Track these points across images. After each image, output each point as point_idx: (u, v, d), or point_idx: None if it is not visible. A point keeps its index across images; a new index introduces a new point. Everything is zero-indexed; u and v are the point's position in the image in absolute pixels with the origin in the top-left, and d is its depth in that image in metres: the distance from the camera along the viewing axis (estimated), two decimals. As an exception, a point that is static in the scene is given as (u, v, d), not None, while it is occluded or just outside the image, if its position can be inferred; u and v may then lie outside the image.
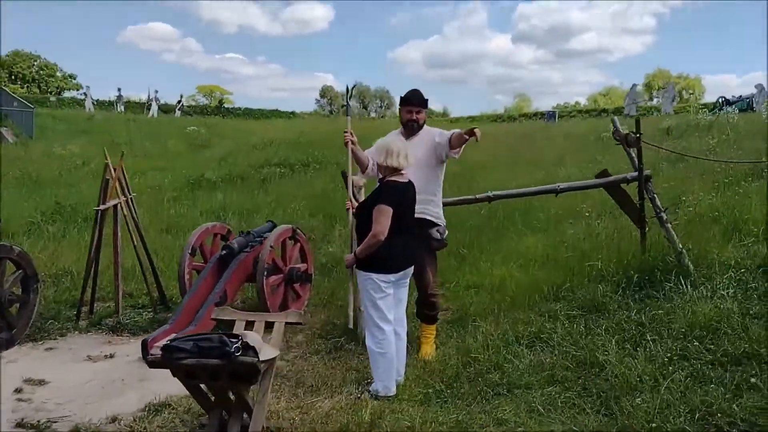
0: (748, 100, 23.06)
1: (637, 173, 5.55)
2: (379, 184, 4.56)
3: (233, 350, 3.34)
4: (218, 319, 4.31)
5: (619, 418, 3.62)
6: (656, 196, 5.53)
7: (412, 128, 5.07)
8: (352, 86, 5.49)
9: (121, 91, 39.77)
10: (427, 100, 5.16)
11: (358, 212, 4.64)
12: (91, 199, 7.14)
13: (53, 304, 6.73)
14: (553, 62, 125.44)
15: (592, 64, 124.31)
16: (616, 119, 5.93)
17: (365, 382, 4.59)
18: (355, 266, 4.50)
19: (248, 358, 3.39)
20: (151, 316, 6.48)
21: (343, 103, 72.29)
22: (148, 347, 4.71)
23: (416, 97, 5.11)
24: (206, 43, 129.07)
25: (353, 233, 4.75)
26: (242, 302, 6.93)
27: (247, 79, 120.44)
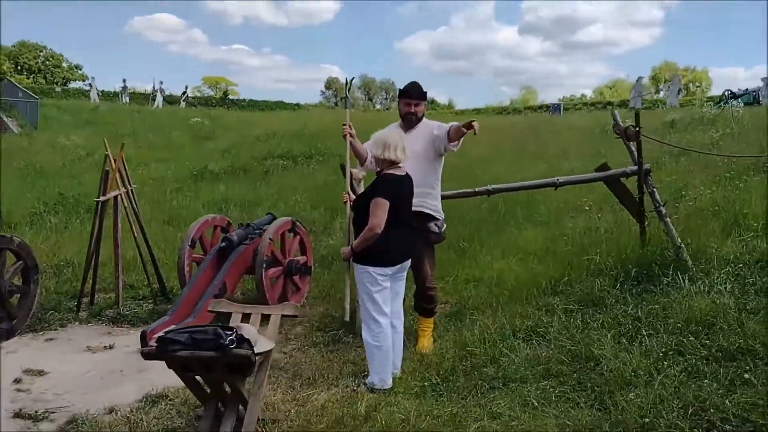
0: (754, 93, 22.87)
1: (636, 167, 5.54)
2: (376, 176, 4.56)
3: (227, 343, 3.36)
4: (215, 311, 4.34)
5: (612, 412, 3.63)
6: (655, 190, 5.51)
7: (410, 121, 5.07)
8: (351, 79, 5.49)
9: (126, 82, 39.85)
10: (426, 92, 5.15)
11: (355, 205, 4.65)
12: (93, 190, 7.17)
13: (54, 294, 6.77)
14: (559, 54, 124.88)
15: (598, 56, 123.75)
16: (616, 113, 5.91)
17: (362, 374, 4.60)
18: (352, 259, 4.50)
19: (242, 350, 3.40)
20: (151, 307, 6.51)
21: (350, 94, 72.20)
22: (146, 338, 4.76)
23: (415, 89, 5.11)
24: (212, 34, 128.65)
25: (350, 226, 4.75)
26: (242, 294, 6.95)
27: (252, 70, 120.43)
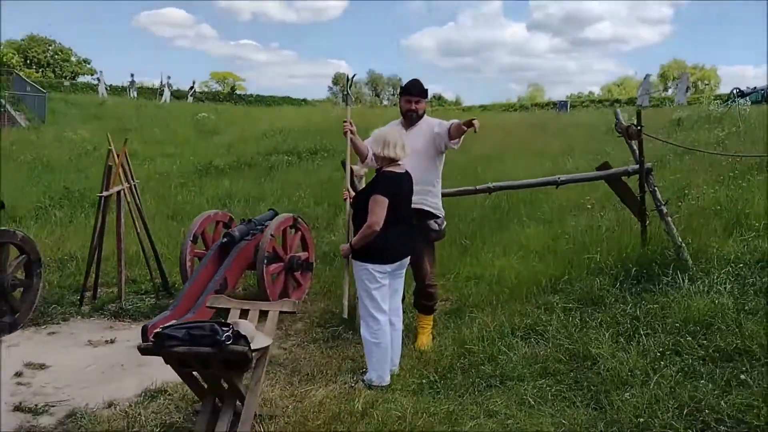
0: (762, 91, 22.71)
1: (638, 166, 5.52)
2: (376, 174, 4.57)
3: (223, 339, 3.37)
4: (214, 307, 4.36)
5: (608, 412, 3.63)
6: (657, 189, 5.50)
7: (411, 118, 5.07)
8: (352, 76, 5.51)
9: (134, 76, 40.01)
10: (427, 90, 5.15)
11: (354, 202, 4.65)
12: (99, 184, 7.20)
13: (57, 288, 6.82)
14: (568, 51, 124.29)
15: (607, 53, 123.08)
16: (618, 111, 5.89)
17: (360, 371, 4.61)
18: (351, 256, 4.51)
19: (239, 346, 3.42)
20: (153, 301, 6.56)
21: (357, 90, 72.59)
22: (147, 333, 4.80)
23: (416, 87, 5.10)
24: (220, 29, 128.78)
25: (350, 223, 4.76)
26: (244, 290, 6.98)
27: (260, 65, 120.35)
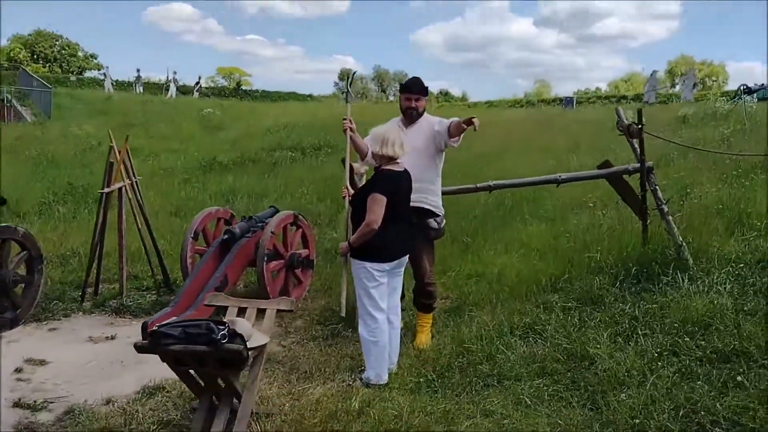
0: (770, 88, 22.56)
1: (639, 164, 5.50)
2: (374, 172, 4.56)
3: (219, 337, 3.38)
4: (212, 305, 4.38)
5: (604, 412, 3.62)
6: (658, 188, 5.48)
7: (411, 116, 5.06)
8: (353, 73, 5.52)
9: (140, 71, 40.01)
10: (427, 88, 5.13)
11: (353, 200, 4.65)
12: (102, 180, 7.27)
13: (59, 284, 6.85)
14: (575, 47, 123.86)
15: (615, 49, 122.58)
16: (620, 109, 5.86)
17: (359, 369, 4.62)
18: (349, 254, 4.51)
19: (234, 345, 3.42)
20: (154, 298, 6.57)
21: (363, 86, 72.51)
22: (147, 330, 4.81)
23: (416, 84, 5.09)
24: (227, 24, 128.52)
25: (348, 221, 4.76)
26: (244, 287, 7.00)
27: (267, 61, 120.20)
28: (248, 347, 3.56)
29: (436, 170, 5.09)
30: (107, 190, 6.43)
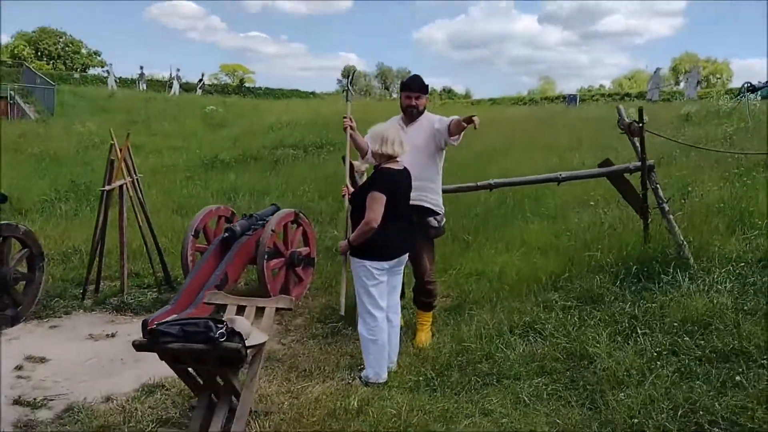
0: (774, 86, 22.44)
1: (640, 163, 5.49)
2: (374, 170, 4.56)
3: (217, 336, 3.38)
4: (211, 303, 4.38)
5: (603, 412, 3.61)
6: (659, 186, 5.46)
7: (411, 114, 5.05)
8: (353, 72, 5.52)
9: (143, 69, 40.11)
10: (427, 86, 5.12)
11: (353, 198, 4.65)
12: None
13: (60, 282, 6.86)
14: (579, 44, 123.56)
15: (619, 46, 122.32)
16: (621, 108, 5.84)
17: (358, 367, 4.61)
18: (349, 253, 4.51)
19: (232, 343, 3.43)
20: (155, 295, 6.58)
21: (366, 83, 72.44)
22: (147, 327, 4.82)
23: (416, 83, 5.08)
24: (230, 21, 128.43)
25: (348, 219, 4.75)
26: (245, 285, 7.00)
27: (270, 58, 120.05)
28: (247, 345, 3.56)
29: (436, 168, 5.08)
30: (108, 187, 6.43)
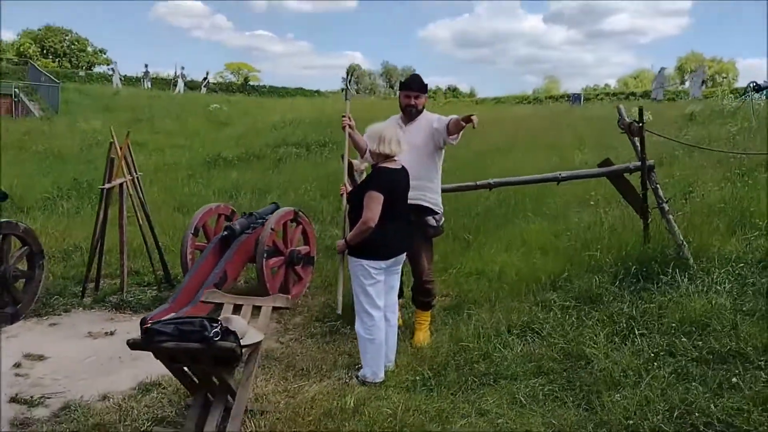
0: (779, 85, 22.31)
1: (640, 163, 5.47)
2: (372, 169, 4.55)
3: (212, 335, 3.38)
4: (208, 301, 4.38)
5: (599, 413, 3.60)
6: (659, 186, 5.44)
7: (410, 113, 5.05)
8: (352, 71, 5.53)
9: (148, 67, 40.11)
10: (426, 85, 5.11)
11: (351, 197, 4.64)
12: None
13: (60, 280, 6.86)
14: (584, 43, 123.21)
15: (624, 45, 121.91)
16: (621, 107, 5.82)
17: (356, 366, 4.60)
18: (346, 252, 4.50)
19: (227, 343, 3.42)
20: (155, 294, 6.58)
21: (371, 82, 72.43)
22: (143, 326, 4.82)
23: (415, 82, 5.08)
24: (236, 20, 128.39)
25: (346, 218, 4.75)
26: (245, 283, 7.00)
27: (275, 56, 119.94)
28: (242, 345, 3.55)
29: (435, 168, 5.07)
30: (108, 185, 6.43)
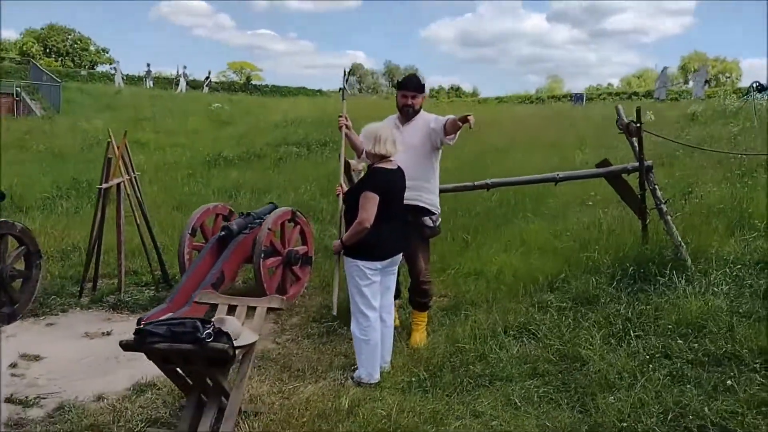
0: (782, 85, 22.22)
1: (638, 163, 5.45)
2: (368, 169, 4.54)
3: (204, 336, 3.37)
4: (202, 302, 4.37)
5: (593, 415, 3.58)
6: (657, 187, 5.42)
7: (407, 113, 5.03)
8: (348, 71, 5.47)
9: (150, 66, 40.09)
10: (423, 85, 5.09)
11: (347, 197, 4.62)
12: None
13: (58, 279, 6.86)
14: (588, 42, 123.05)
15: (627, 44, 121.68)
16: (619, 107, 5.79)
17: (351, 367, 4.59)
18: (342, 252, 4.49)
19: (219, 344, 3.41)
20: (153, 293, 6.58)
21: (374, 81, 72.25)
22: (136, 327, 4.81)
23: (412, 82, 5.06)
24: (238, 19, 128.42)
25: (341, 219, 4.74)
26: (243, 283, 6.99)
27: (278, 55, 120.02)
28: (236, 346, 3.54)
29: (432, 168, 5.05)
30: (106, 185, 6.43)
